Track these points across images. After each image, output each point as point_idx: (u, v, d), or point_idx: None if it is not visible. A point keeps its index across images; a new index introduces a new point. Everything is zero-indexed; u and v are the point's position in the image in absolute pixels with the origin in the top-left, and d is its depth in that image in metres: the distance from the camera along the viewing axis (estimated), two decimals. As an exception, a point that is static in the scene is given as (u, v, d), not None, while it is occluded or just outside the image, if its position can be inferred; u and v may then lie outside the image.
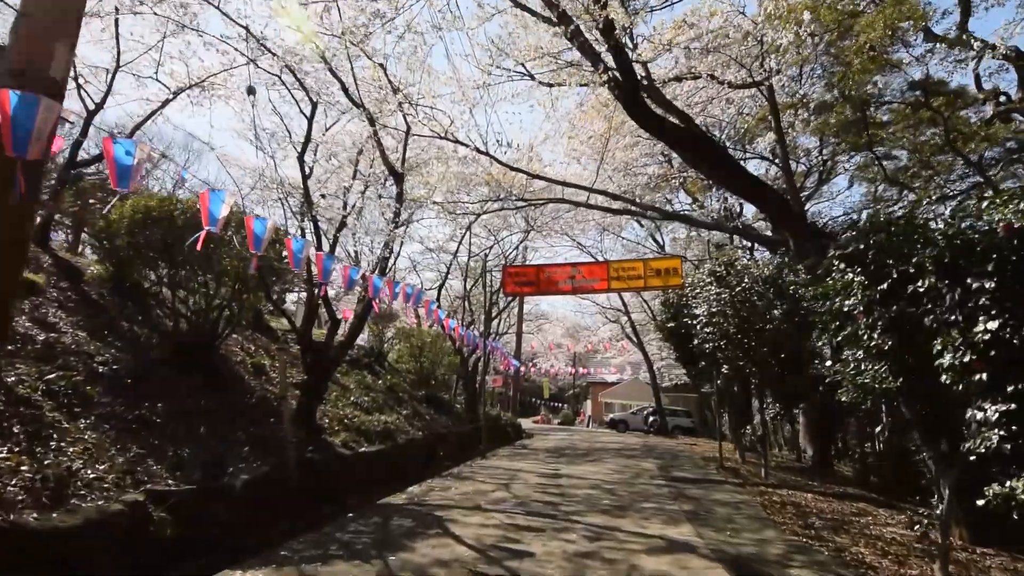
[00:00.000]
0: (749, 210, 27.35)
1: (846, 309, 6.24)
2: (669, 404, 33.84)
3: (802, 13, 12.33)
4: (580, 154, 17.66)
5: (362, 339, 24.75)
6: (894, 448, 13.56)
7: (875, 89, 16.39)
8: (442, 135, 12.04)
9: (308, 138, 9.87)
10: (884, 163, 23.09)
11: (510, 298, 31.20)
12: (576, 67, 11.14)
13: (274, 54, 9.73)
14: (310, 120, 9.88)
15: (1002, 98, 15.85)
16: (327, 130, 15.94)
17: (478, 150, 11.60)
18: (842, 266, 6.48)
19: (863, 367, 6.19)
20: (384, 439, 11.55)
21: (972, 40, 15.10)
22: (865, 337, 6.09)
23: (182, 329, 9.93)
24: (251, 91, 8.09)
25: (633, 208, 12.48)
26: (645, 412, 34.20)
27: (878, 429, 6.47)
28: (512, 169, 11.73)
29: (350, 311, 22.61)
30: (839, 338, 6.51)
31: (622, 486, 10.69)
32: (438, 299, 22.04)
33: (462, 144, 11.74)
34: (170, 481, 6.17)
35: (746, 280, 12.07)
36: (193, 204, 9.82)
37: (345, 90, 11.55)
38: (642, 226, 28.24)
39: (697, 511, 8.57)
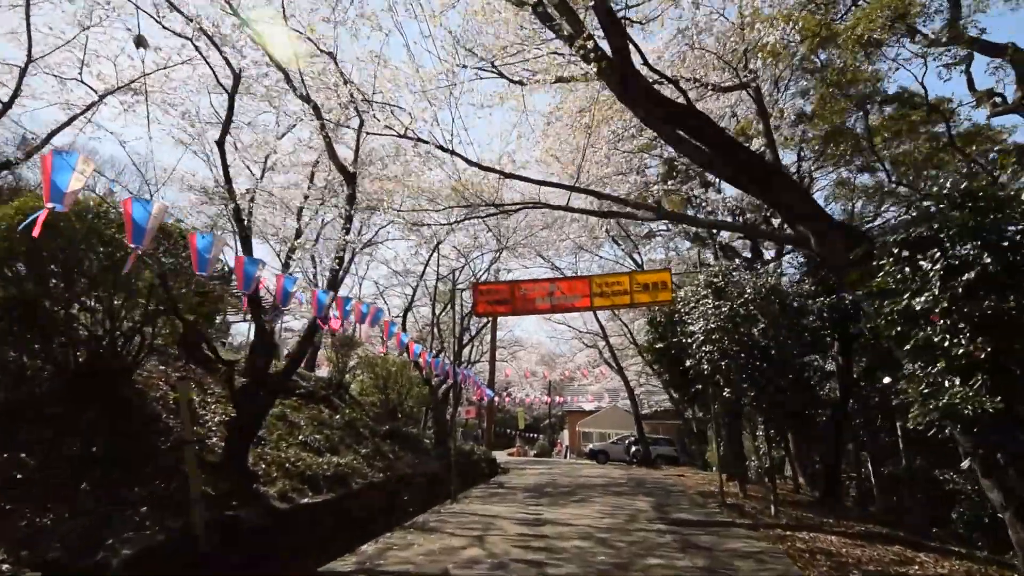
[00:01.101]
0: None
1: (918, 308, 4.81)
2: (650, 432, 32.30)
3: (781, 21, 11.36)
4: (554, 166, 16.41)
5: (322, 370, 22.85)
6: (914, 478, 12.21)
7: (867, 88, 15.38)
8: (401, 133, 10.54)
9: (229, 118, 8.26)
10: (864, 177, 22.36)
11: (483, 322, 29.57)
12: (553, 55, 9.81)
13: (213, 42, 8.17)
14: (231, 95, 8.28)
15: (997, 99, 15.08)
16: (280, 138, 14.44)
17: (442, 148, 10.13)
18: (903, 254, 5.08)
19: (945, 383, 4.73)
20: (335, 486, 9.74)
21: (963, 35, 14.36)
22: (946, 344, 4.65)
23: (79, 357, 8.11)
24: (140, 42, 6.47)
25: (622, 209, 11.09)
26: (627, 442, 32.55)
27: (964, 464, 4.96)
28: (482, 168, 10.29)
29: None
30: (906, 347, 5.06)
31: (617, 534, 9.05)
32: (404, 324, 20.33)
33: (424, 142, 10.26)
34: (4, 567, 4.38)
35: (748, 291, 10.71)
36: (96, 204, 8.12)
37: (288, 79, 10.04)
38: (619, 245, 27.02)
39: (715, 568, 6.98)
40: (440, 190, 13.38)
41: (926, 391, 4.83)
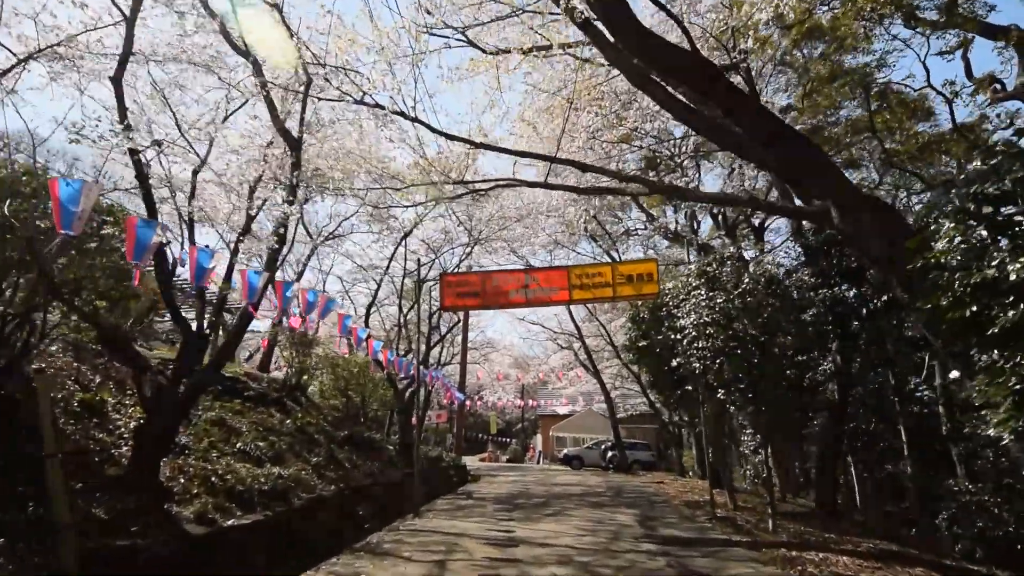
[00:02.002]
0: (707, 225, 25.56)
1: (1012, 279, 3.66)
2: (626, 436, 31.26)
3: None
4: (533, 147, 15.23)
5: (278, 371, 21.23)
6: (924, 486, 11.23)
7: (869, 71, 14.46)
8: (358, 99, 9.22)
9: (127, 51, 6.87)
10: (850, 172, 21.63)
11: (453, 320, 28.20)
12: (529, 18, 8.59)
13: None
14: (131, 22, 6.88)
15: (997, 86, 14.32)
16: (227, 117, 13.03)
17: (403, 115, 8.82)
18: (984, 211, 3.94)
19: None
20: (273, 502, 8.34)
21: (959, 16, 13.56)
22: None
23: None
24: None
25: (610, 185, 9.91)
26: (603, 447, 31.45)
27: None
28: (449, 138, 9.00)
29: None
30: (990, 332, 3.90)
31: (602, 557, 7.82)
32: (367, 321, 18.90)
33: (381, 108, 8.94)
34: None
35: (745, 281, 9.61)
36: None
37: (226, 34, 8.69)
38: (597, 243, 25.95)
39: (723, 604, 5.79)
40: (405, 172, 12.07)
41: (1020, 388, 3.68)
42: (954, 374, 5.09)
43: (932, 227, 4.45)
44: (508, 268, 18.28)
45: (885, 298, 11.02)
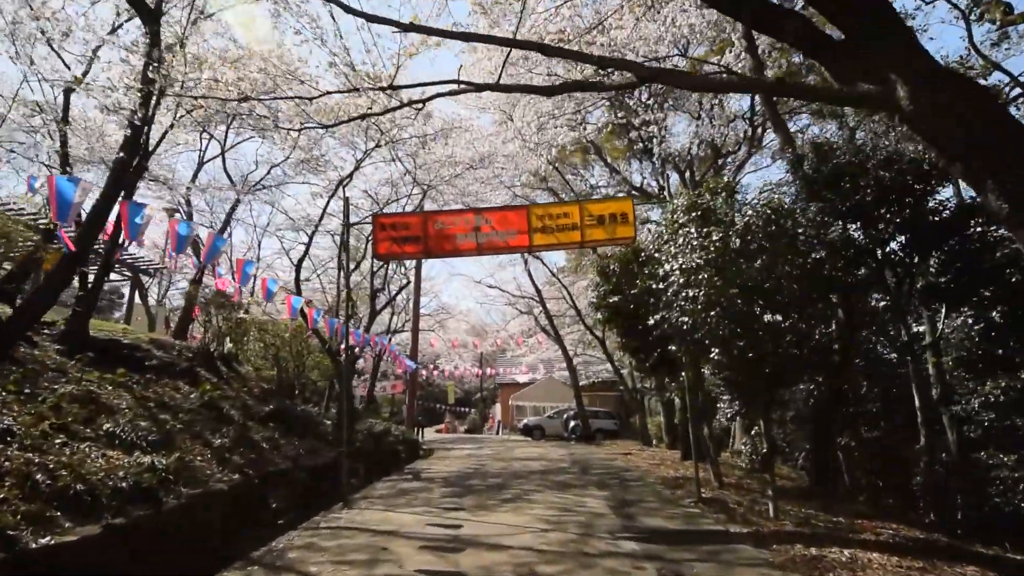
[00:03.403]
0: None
1: None
2: (588, 404, 29.82)
3: None
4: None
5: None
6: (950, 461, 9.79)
7: None
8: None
9: None
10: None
11: (402, 278, 25.93)
12: None
13: None
14: None
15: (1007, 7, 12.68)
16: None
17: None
18: None
19: None
20: (131, 505, 6.18)
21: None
22: None
23: None
24: None
25: (584, 80, 7.83)
26: (565, 416, 29.97)
27: None
28: (371, 20, 6.79)
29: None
30: None
31: (572, 563, 5.98)
32: (297, 280, 16.57)
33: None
34: None
35: (748, 214, 7.77)
36: None
37: None
38: (559, 198, 23.95)
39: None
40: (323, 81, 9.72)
41: None
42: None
43: None
44: (455, 208, 16.05)
45: (903, 239, 9.39)
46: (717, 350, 7.97)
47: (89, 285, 10.17)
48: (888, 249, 9.27)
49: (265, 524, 8.25)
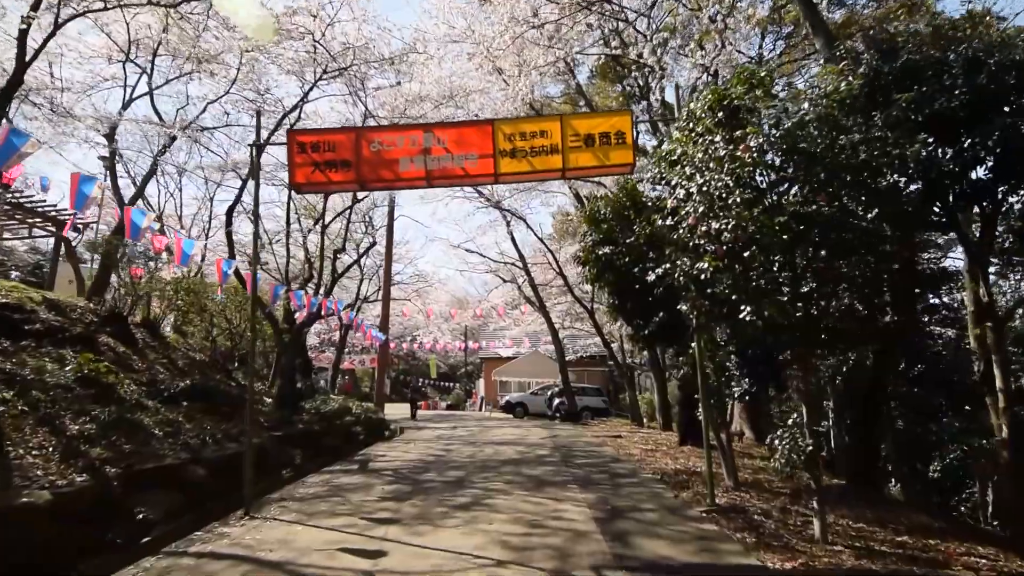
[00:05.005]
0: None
1: None
2: (574, 380, 27.67)
3: None
4: None
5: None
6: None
7: None
8: None
9: None
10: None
11: (374, 239, 23.30)
12: None
13: None
14: None
15: None
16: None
17: None
18: None
19: None
20: None
21: None
22: None
23: None
24: None
25: None
26: (549, 392, 27.78)
27: None
28: None
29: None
30: None
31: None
32: (228, 227, 13.99)
33: None
34: None
35: (804, 107, 5.37)
36: None
37: None
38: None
39: None
40: None
41: None
42: None
43: None
44: (398, 124, 13.38)
45: (990, 163, 7.01)
46: (750, 308, 5.61)
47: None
48: (975, 177, 6.90)
49: (114, 547, 5.89)
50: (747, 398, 9.22)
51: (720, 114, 5.83)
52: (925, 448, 9.78)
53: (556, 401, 26.09)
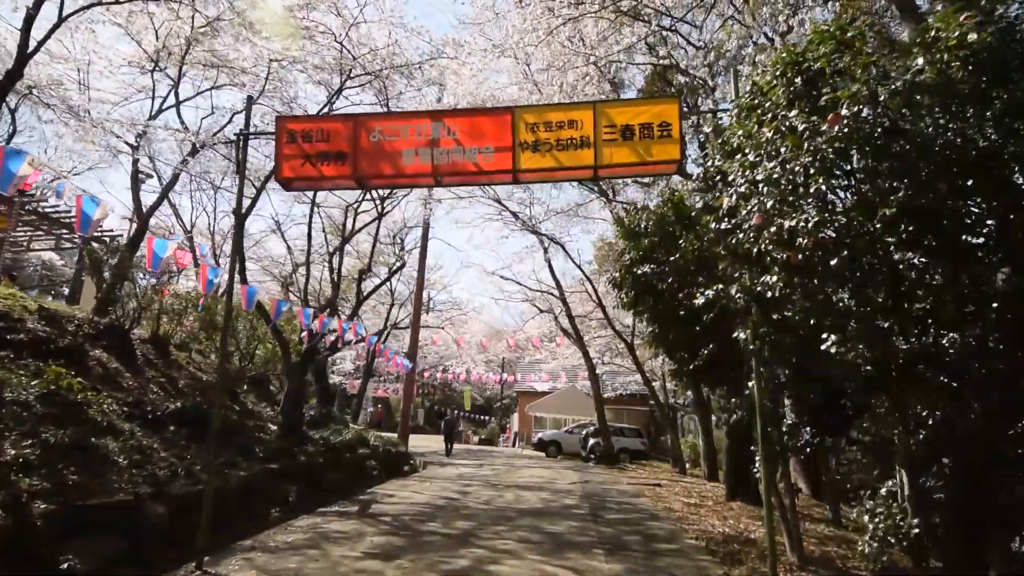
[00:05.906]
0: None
1: None
2: (612, 419, 25.84)
3: None
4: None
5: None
6: None
7: None
8: None
9: None
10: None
11: (406, 259, 22.37)
12: None
13: None
14: None
15: None
16: None
17: None
18: None
19: None
20: None
21: None
22: None
23: None
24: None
25: None
26: (584, 432, 26.03)
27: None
28: None
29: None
30: None
31: None
32: (239, 233, 13.07)
33: None
34: None
35: (919, 64, 3.97)
36: None
37: None
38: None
39: None
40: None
41: None
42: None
43: None
44: (403, 111, 12.16)
45: None
46: (834, 338, 4.15)
47: None
48: None
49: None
50: (808, 450, 7.60)
51: (796, 81, 4.47)
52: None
53: (591, 441, 24.31)
